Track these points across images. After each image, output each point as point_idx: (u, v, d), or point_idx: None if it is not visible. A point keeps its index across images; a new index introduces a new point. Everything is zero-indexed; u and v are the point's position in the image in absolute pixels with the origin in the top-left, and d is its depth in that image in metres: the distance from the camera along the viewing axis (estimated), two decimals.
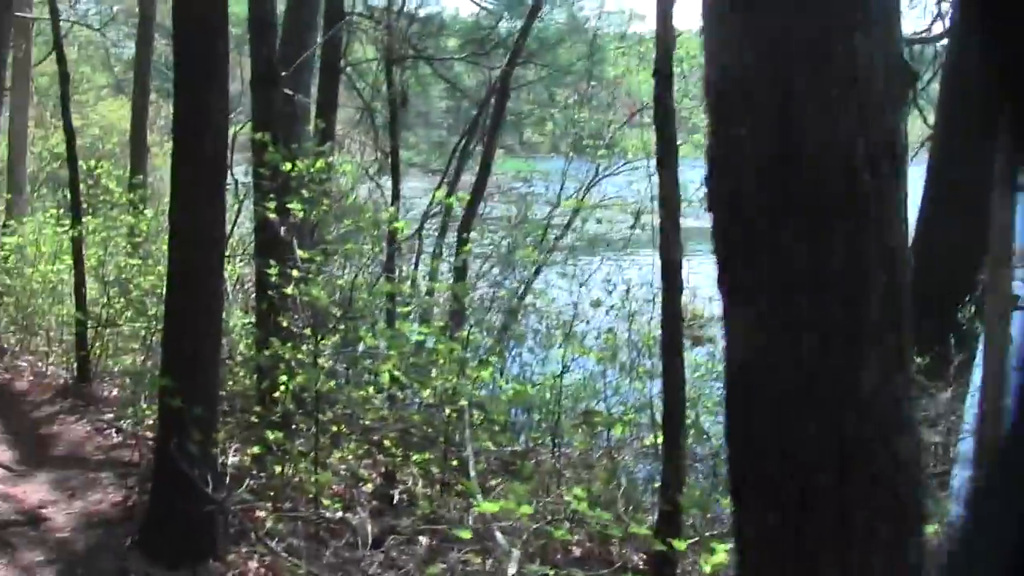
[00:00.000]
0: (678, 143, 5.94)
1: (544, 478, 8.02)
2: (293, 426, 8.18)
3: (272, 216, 8.31)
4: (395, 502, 7.98)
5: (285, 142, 8.80)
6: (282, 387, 7.89)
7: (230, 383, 9.02)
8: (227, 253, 8.72)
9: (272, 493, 7.66)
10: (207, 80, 6.66)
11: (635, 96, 20.30)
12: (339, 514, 7.49)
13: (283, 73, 9.42)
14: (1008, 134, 3.21)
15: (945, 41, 12.57)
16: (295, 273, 7.92)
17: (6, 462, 8.76)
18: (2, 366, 12.00)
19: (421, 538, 6.98)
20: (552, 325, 12.15)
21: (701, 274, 7.69)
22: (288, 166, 8.27)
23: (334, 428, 8.17)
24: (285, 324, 8.31)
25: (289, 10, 11.63)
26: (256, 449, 8.00)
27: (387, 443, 8.06)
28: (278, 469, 7.83)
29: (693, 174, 7.44)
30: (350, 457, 8.23)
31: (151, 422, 9.99)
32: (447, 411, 7.69)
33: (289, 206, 8.30)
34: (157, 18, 17.58)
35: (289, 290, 7.85)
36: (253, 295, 10.12)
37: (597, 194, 17.04)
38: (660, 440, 8.20)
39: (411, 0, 16.52)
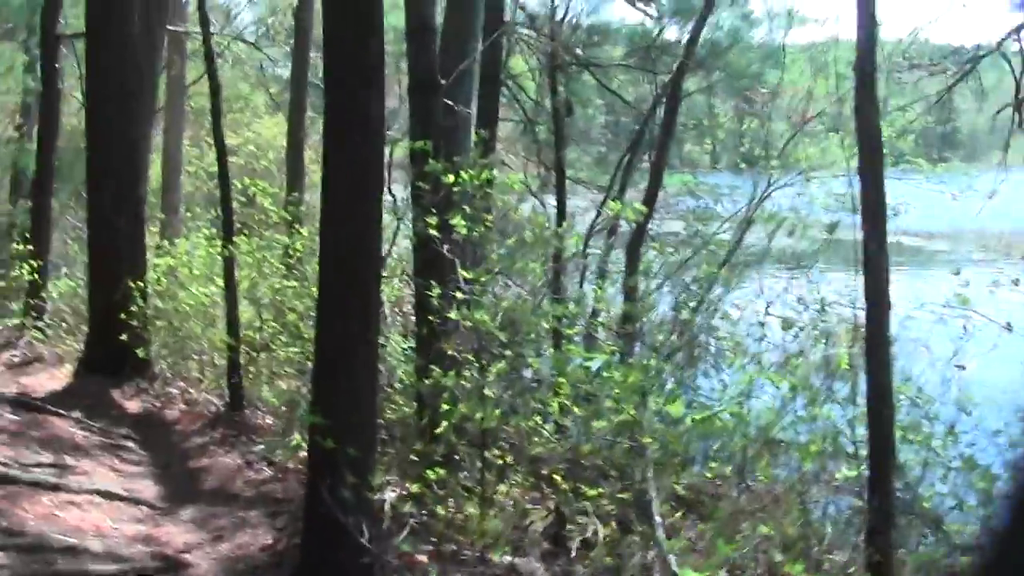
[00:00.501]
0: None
1: (736, 518, 7.12)
2: (456, 458, 7.45)
3: (433, 233, 7.58)
4: (567, 544, 7.17)
5: (446, 155, 8.10)
6: (444, 419, 7.17)
7: (388, 412, 8.33)
8: (384, 274, 8.04)
9: (435, 539, 6.90)
10: (362, 78, 5.93)
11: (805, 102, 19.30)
12: (507, 559, 6.72)
13: (443, 82, 8.73)
14: None
15: None
16: (459, 295, 7.16)
17: (151, 498, 8.18)
18: (153, 393, 11.53)
19: None
20: (725, 347, 11.28)
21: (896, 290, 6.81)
22: (451, 178, 7.54)
23: (499, 461, 7.38)
24: (449, 350, 7.58)
25: (447, 18, 10.94)
26: (416, 487, 7.27)
27: (556, 477, 7.23)
28: (440, 510, 7.08)
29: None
30: (516, 492, 7.45)
31: (304, 454, 9.45)
32: (623, 443, 6.84)
33: (452, 222, 7.56)
34: (313, 32, 17.09)
35: (453, 314, 7.09)
36: (413, 318, 9.44)
37: (770, 207, 16.03)
38: (853, 474, 7.34)
39: (574, 7, 15.80)
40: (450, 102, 9.00)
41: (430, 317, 7.65)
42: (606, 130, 28.44)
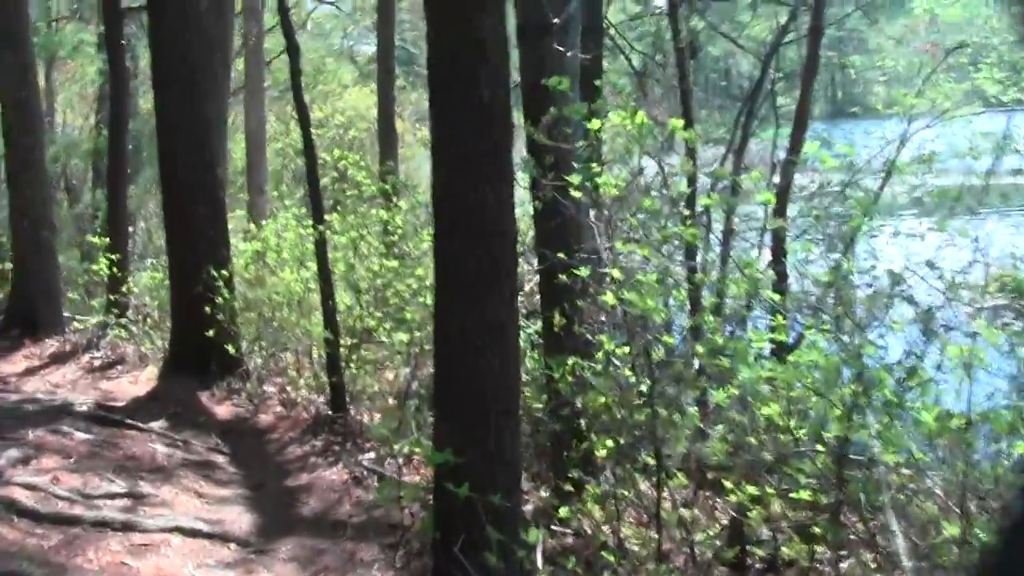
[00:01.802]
0: None
1: None
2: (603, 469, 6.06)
3: (576, 195, 6.14)
4: (749, 567, 5.74)
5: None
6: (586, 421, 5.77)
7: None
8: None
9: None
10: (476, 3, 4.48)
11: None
12: None
13: (556, 20, 7.28)
14: None
15: None
16: (611, 272, 5.69)
17: (243, 532, 6.82)
18: (245, 394, 10.21)
19: None
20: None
21: None
22: (595, 124, 6.05)
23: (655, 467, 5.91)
24: (586, 336, 6.18)
25: None
26: (564, 512, 5.86)
27: (727, 484, 5.71)
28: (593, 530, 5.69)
29: None
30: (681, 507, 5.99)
31: (419, 459, 8.07)
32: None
33: (598, 181, 6.11)
34: None
35: (608, 297, 5.63)
36: (537, 299, 8.04)
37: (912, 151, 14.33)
38: None
39: None
40: (560, 48, 7.53)
41: (563, 296, 6.25)
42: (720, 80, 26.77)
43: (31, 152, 13.23)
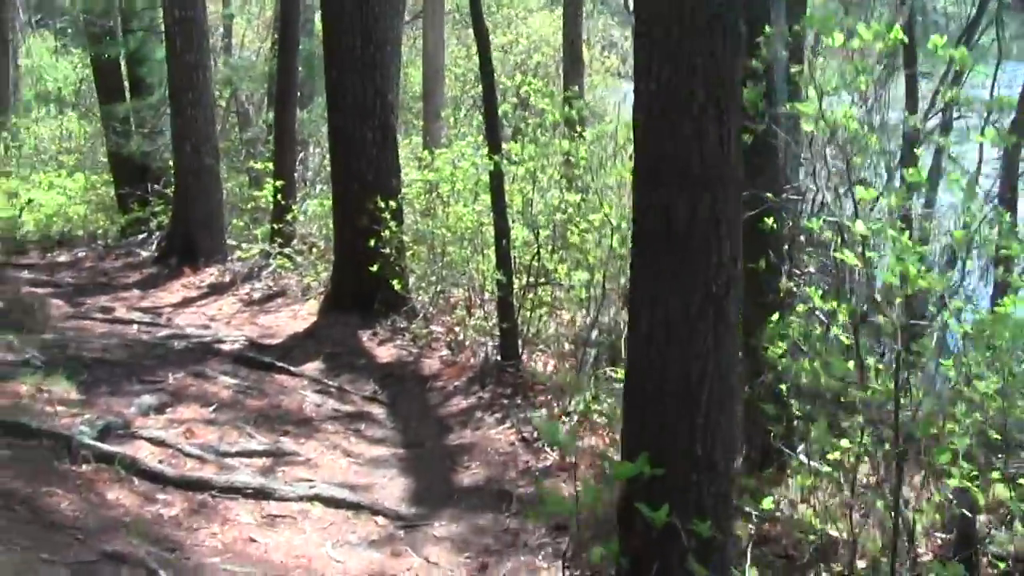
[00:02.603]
0: None
1: None
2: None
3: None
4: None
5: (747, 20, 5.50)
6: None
7: None
8: None
9: None
10: None
11: None
12: None
13: None
14: None
15: None
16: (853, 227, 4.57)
17: (394, 502, 5.94)
18: (410, 335, 9.35)
19: None
20: None
21: None
22: (837, 38, 4.87)
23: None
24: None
25: None
26: (767, 504, 4.83)
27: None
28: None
29: None
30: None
31: (597, 420, 7.10)
32: None
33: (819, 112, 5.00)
34: None
35: (847, 255, 4.50)
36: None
37: None
38: None
39: None
40: None
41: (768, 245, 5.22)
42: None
43: (195, 71, 12.59)
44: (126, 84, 15.54)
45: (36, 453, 5.54)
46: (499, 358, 8.31)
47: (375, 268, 9.62)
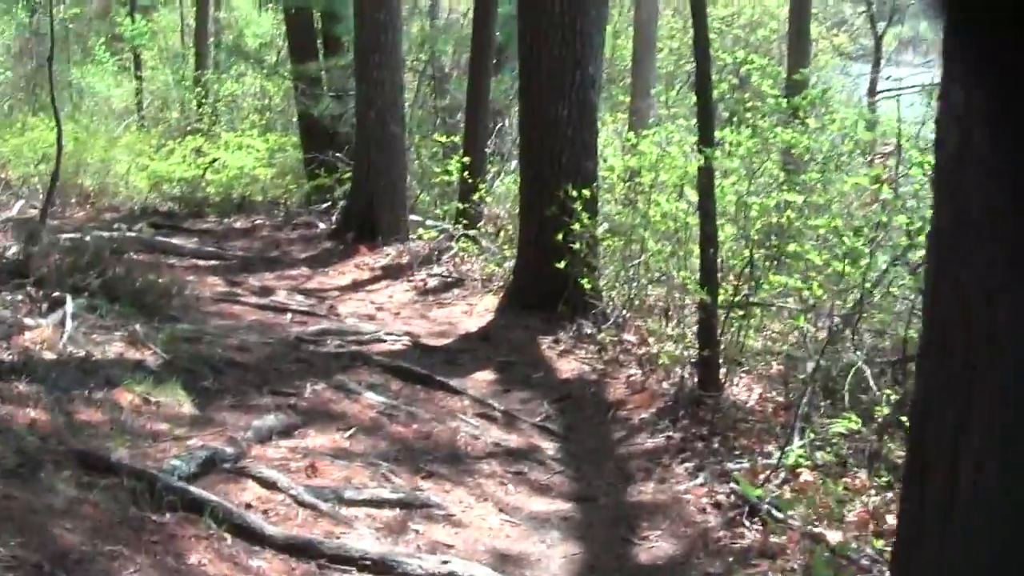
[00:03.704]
0: None
1: None
2: None
3: None
4: None
5: None
6: None
7: None
8: None
9: None
10: None
11: None
12: None
13: None
14: None
15: None
16: None
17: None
18: (597, 344, 8.16)
19: None
20: None
21: None
22: None
23: None
24: None
25: None
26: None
27: None
28: None
29: None
30: None
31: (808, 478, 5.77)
32: None
33: None
34: None
35: None
36: None
37: None
38: None
39: None
40: None
41: None
42: None
43: (383, 31, 11.60)
44: (319, 42, 14.86)
45: (111, 495, 4.48)
46: (697, 386, 7.03)
47: (562, 264, 8.48)
